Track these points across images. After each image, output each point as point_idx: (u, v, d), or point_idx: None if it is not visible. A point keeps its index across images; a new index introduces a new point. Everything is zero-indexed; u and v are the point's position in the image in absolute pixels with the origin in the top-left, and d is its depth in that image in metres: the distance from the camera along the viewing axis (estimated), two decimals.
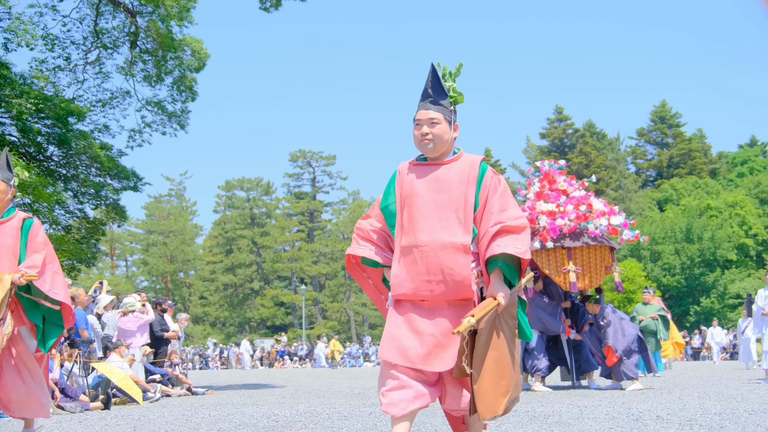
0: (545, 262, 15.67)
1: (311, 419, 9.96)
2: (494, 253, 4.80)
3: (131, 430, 9.31)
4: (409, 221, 5.02)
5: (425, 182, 5.10)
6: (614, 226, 15.79)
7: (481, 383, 4.64)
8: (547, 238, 15.42)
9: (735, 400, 11.73)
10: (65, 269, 24.15)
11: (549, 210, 15.77)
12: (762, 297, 18.16)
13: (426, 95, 5.27)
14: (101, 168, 25.12)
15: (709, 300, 62.22)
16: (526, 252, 4.85)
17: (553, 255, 15.65)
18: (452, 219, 4.93)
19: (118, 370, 14.84)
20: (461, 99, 5.27)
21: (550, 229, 15.46)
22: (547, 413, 9.97)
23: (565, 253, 15.60)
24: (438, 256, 4.84)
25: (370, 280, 5.51)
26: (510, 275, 4.88)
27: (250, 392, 18.41)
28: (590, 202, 15.90)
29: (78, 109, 24.40)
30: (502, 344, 4.77)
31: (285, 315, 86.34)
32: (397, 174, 5.28)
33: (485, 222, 4.93)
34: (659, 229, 65.57)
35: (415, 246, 4.91)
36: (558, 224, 15.46)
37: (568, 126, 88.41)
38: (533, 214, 15.96)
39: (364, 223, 5.33)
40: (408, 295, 4.94)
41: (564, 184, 16.42)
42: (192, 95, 26.89)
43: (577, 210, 15.68)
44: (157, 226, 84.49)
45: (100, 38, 26.03)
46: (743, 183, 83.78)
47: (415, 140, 5.21)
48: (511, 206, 5.00)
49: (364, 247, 5.24)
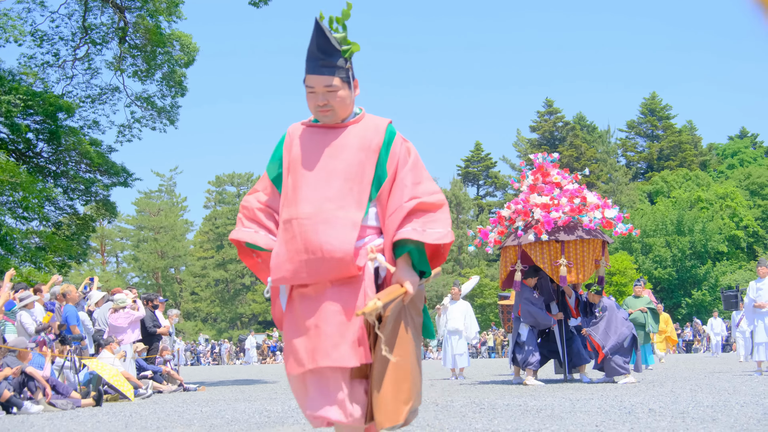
0: (539, 255, 15.72)
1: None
2: (404, 237, 4.04)
3: (123, 427, 9.28)
4: (293, 190, 4.24)
5: (316, 147, 4.34)
6: (608, 219, 15.90)
7: (382, 386, 3.95)
8: (542, 231, 15.45)
9: (727, 393, 11.74)
10: (55, 266, 24.10)
11: (543, 203, 15.84)
12: (753, 289, 18.09)
13: (314, 57, 4.32)
14: (91, 164, 25.08)
15: (700, 292, 62.34)
16: (445, 236, 4.15)
17: (547, 248, 15.68)
18: (343, 190, 4.15)
19: (109, 367, 14.79)
20: (356, 48, 4.36)
21: (544, 222, 15.50)
22: (539, 407, 9.96)
23: (559, 246, 15.65)
24: (318, 231, 4.03)
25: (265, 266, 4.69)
26: (420, 262, 4.14)
27: (241, 388, 18.38)
28: (584, 195, 15.99)
29: (67, 105, 24.35)
30: (406, 342, 4.05)
31: None
32: (286, 136, 4.55)
33: (397, 196, 4.18)
34: (650, 222, 65.64)
35: (295, 218, 4.12)
36: (552, 217, 15.52)
37: (558, 119, 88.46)
38: (527, 206, 16.08)
39: (250, 198, 4.53)
40: (288, 279, 4.20)
41: (558, 176, 16.54)
42: (181, 90, 26.83)
43: (571, 203, 15.73)
44: (147, 222, 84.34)
45: (88, 34, 25.97)
46: (734, 175, 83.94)
47: (311, 109, 4.42)
48: (425, 179, 4.29)
49: (249, 229, 4.43)
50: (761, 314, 17.70)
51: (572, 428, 7.66)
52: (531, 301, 15.96)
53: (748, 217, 72.87)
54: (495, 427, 8.00)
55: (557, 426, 7.88)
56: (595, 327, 15.45)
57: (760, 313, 17.73)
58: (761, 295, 17.79)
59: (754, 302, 17.87)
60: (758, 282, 18.09)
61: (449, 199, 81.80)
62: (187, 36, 26.14)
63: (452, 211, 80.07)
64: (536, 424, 8.06)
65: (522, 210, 16.23)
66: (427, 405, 10.66)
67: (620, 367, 15.25)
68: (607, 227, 16.12)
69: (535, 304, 15.95)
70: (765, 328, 17.58)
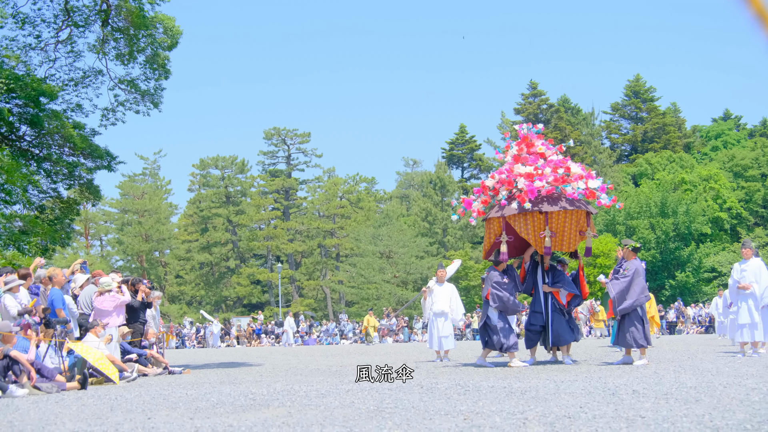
0: (523, 226, 15.74)
1: (288, 397, 9.95)
2: None
3: (108, 410, 9.28)
4: None
5: None
6: (592, 189, 15.92)
7: None
8: (525, 199, 15.41)
9: (710, 374, 11.81)
10: (39, 249, 24.02)
11: (527, 172, 15.82)
12: (737, 270, 18.15)
13: None
14: (74, 147, 24.97)
15: (684, 274, 62.44)
16: None
17: (531, 219, 15.69)
18: None
19: (94, 350, 14.77)
20: None
21: (528, 191, 15.47)
22: (524, 388, 9.99)
23: (543, 218, 15.68)
24: None
25: None
26: None
27: (227, 371, 18.39)
28: (568, 166, 15.98)
29: (50, 88, 24.22)
30: None
31: (261, 293, 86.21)
32: None
33: None
34: (634, 204, 65.70)
35: None
36: (536, 186, 15.49)
37: (542, 101, 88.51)
38: (510, 176, 16.01)
39: None
40: None
41: (542, 147, 16.56)
42: (165, 73, 26.71)
43: (555, 173, 15.73)
44: (131, 206, 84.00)
45: (71, 16, 25.79)
46: (717, 157, 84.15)
47: None
48: None
49: None
50: (745, 296, 17.73)
51: (556, 410, 7.70)
52: (500, 286, 15.97)
53: (731, 199, 73.07)
54: (480, 408, 8.03)
55: (542, 407, 7.91)
56: (617, 283, 15.48)
57: (743, 295, 17.76)
58: (745, 277, 17.83)
59: (738, 283, 17.90)
60: (742, 264, 18.14)
61: (434, 182, 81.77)
62: (170, 19, 26.00)
63: (437, 194, 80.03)
64: (521, 406, 8.09)
65: (506, 180, 16.12)
66: (412, 387, 10.69)
67: (636, 341, 15.23)
68: (590, 197, 16.08)
69: (504, 289, 15.95)
70: (748, 310, 17.61)
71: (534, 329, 16.40)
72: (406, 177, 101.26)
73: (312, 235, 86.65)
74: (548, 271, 16.62)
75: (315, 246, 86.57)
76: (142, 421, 7.98)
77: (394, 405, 8.53)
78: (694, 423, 6.60)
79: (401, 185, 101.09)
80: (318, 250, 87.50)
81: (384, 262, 70.22)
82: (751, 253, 18.08)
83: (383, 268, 69.37)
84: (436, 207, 79.18)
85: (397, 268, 69.60)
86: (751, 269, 17.86)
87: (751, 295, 17.66)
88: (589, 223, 16.11)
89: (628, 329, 15.42)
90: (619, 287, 15.45)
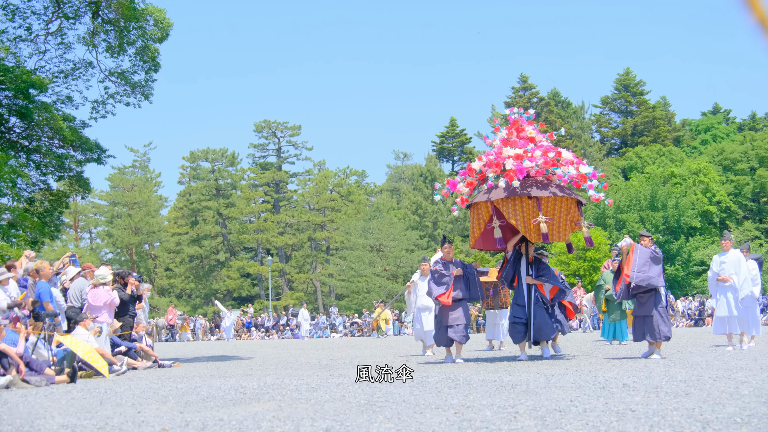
0: (511, 211, 15.04)
1: (279, 391, 9.94)
2: None
3: (98, 404, 9.25)
4: None
5: None
6: (583, 174, 15.39)
7: None
8: (514, 178, 14.87)
9: (700, 367, 11.83)
10: (27, 242, 23.98)
11: (516, 153, 15.30)
12: (717, 263, 18.09)
13: None
14: (64, 140, 24.91)
15: (673, 267, 62.61)
16: None
17: (520, 204, 15.01)
18: None
19: (83, 344, 14.74)
20: None
21: (516, 170, 14.96)
22: (514, 382, 10.00)
23: (534, 203, 15.00)
24: None
25: None
26: None
27: (217, 364, 18.37)
28: (559, 150, 15.52)
29: (39, 80, 24.16)
30: None
31: (251, 286, 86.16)
32: None
33: None
34: (624, 197, 65.87)
35: None
36: (525, 165, 15.00)
37: (533, 95, 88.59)
38: (499, 159, 15.45)
39: None
40: None
41: (533, 132, 15.97)
42: (155, 66, 26.64)
43: (546, 156, 15.20)
44: (121, 198, 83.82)
45: (61, 8, 25.70)
46: (707, 150, 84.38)
47: None
48: None
49: None
50: (724, 288, 17.70)
51: (547, 403, 7.70)
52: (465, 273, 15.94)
53: (720, 193, 73.26)
54: (470, 402, 8.03)
55: (532, 401, 7.91)
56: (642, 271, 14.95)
57: (722, 287, 17.73)
58: (725, 269, 17.78)
59: (718, 276, 17.83)
60: (722, 255, 18.10)
61: (424, 175, 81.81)
62: (160, 11, 25.93)
63: (427, 187, 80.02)
64: (511, 399, 8.09)
65: (494, 162, 15.55)
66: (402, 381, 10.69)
67: (660, 333, 14.76)
68: (582, 181, 15.44)
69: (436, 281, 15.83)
70: (727, 303, 17.58)
71: (519, 322, 15.60)
72: (397, 170, 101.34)
73: (302, 228, 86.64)
74: (532, 262, 15.83)
75: (305, 239, 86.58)
76: (132, 415, 7.96)
77: (385, 399, 8.52)
78: (684, 416, 6.61)
79: (391, 178, 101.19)
80: (308, 243, 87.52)
81: (374, 255, 70.26)
82: (730, 245, 17.98)
83: (373, 261, 69.42)
84: (426, 200, 79.14)
85: (388, 261, 69.64)
86: (730, 261, 17.79)
87: (731, 287, 17.60)
88: (581, 213, 15.73)
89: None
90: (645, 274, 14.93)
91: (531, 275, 15.68)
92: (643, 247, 15.16)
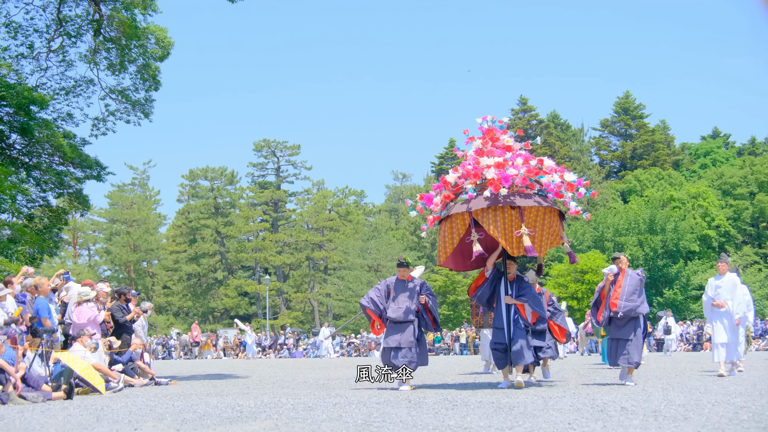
0: (492, 222, 13.74)
1: (276, 410, 9.92)
2: None
3: (94, 421, 9.24)
4: None
5: None
6: (569, 182, 14.23)
7: None
8: (500, 187, 13.57)
9: (698, 392, 11.81)
10: (26, 258, 24.00)
11: (496, 162, 14.00)
12: (712, 287, 17.30)
13: None
14: (64, 157, 24.98)
15: (672, 291, 62.49)
16: None
17: (501, 215, 13.75)
18: None
19: (80, 360, 14.74)
20: None
21: (501, 178, 13.68)
22: (512, 404, 9.98)
23: (516, 214, 13.79)
24: None
25: None
26: None
27: (213, 382, 18.34)
28: (541, 158, 14.40)
29: (41, 97, 24.23)
30: None
31: (249, 305, 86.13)
32: None
33: None
34: (623, 221, 65.81)
35: None
36: (509, 173, 13.80)
37: (532, 117, 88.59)
38: (477, 169, 14.17)
39: None
40: None
41: (509, 140, 14.72)
42: (155, 84, 26.73)
43: (528, 164, 14.05)
44: (120, 215, 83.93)
45: (63, 26, 25.82)
46: (706, 174, 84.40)
47: None
48: None
49: None
50: (720, 314, 16.95)
51: (545, 426, 7.69)
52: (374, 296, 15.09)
53: (719, 217, 73.23)
54: (468, 423, 8.02)
55: (530, 423, 7.90)
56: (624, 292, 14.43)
57: (718, 313, 16.96)
58: (720, 294, 17.07)
59: (713, 300, 17.10)
60: (717, 279, 17.36)
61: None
62: (162, 30, 26.05)
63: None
64: (509, 421, 8.08)
65: (471, 172, 14.25)
66: (399, 401, 10.67)
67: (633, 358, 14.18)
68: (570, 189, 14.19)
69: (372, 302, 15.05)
70: (725, 329, 16.84)
71: (500, 348, 14.25)
72: (395, 190, 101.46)
73: (300, 247, 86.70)
74: (513, 281, 14.49)
75: (303, 258, 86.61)
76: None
77: (382, 419, 8.51)
78: None
79: (390, 198, 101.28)
80: (306, 262, 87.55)
81: (372, 275, 70.23)
82: (726, 268, 17.22)
83: (371, 281, 69.38)
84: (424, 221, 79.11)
85: None
86: (726, 285, 17.08)
87: (726, 313, 16.89)
88: (562, 226, 14.53)
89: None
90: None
91: (510, 295, 14.35)
92: (632, 273, 14.70)
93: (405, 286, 15.09)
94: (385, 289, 15.16)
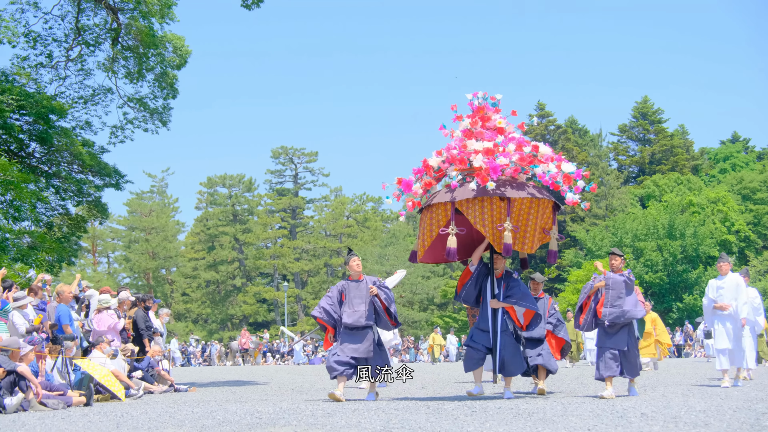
0: (479, 215, 12.54)
1: (295, 416, 9.93)
2: None
3: (114, 427, 9.27)
4: None
5: None
6: (567, 173, 12.79)
7: None
8: (488, 179, 12.25)
9: (719, 398, 11.76)
10: (47, 265, 24.14)
11: (485, 148, 12.59)
12: (713, 288, 15.93)
13: None
14: (83, 165, 25.15)
15: (691, 297, 62.19)
16: None
17: (489, 207, 12.58)
18: None
19: (100, 367, 14.80)
20: None
21: (490, 168, 12.34)
22: (531, 410, 9.96)
23: (504, 205, 12.59)
24: None
25: None
26: None
27: (232, 389, 18.37)
28: (535, 144, 12.95)
29: (60, 106, 24.41)
30: None
31: (267, 312, 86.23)
32: None
33: None
34: (641, 226, 65.55)
35: None
36: (500, 163, 12.41)
37: (550, 122, 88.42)
38: (463, 153, 12.90)
39: None
40: None
41: (502, 121, 13.23)
42: (173, 92, 26.90)
43: (521, 150, 12.66)
44: (139, 223, 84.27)
45: (81, 35, 26.00)
46: (725, 179, 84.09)
47: None
48: None
49: None
50: (722, 317, 15.66)
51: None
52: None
53: (739, 222, 72.89)
54: (487, 429, 8.01)
55: (549, 429, 7.88)
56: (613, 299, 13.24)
57: (720, 316, 15.68)
58: (722, 295, 15.70)
59: (714, 303, 15.74)
60: (719, 280, 16.01)
61: None
62: (179, 38, 26.19)
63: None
64: (528, 428, 8.06)
65: (457, 157, 12.92)
66: (418, 407, 10.66)
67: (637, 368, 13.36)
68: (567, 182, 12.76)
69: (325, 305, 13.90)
70: (727, 334, 15.53)
71: (476, 347, 12.90)
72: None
73: (318, 254, 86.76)
74: (501, 279, 13.12)
75: (321, 265, 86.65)
76: None
77: (401, 425, 8.51)
78: None
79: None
80: (324, 269, 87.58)
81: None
82: (728, 268, 16.03)
83: None
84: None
85: (404, 288, 69.55)
86: (728, 286, 15.73)
87: (729, 317, 15.57)
88: (554, 220, 13.16)
89: None
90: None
91: (497, 296, 12.99)
92: (615, 276, 13.39)
93: (358, 286, 13.82)
94: (337, 295, 13.93)
